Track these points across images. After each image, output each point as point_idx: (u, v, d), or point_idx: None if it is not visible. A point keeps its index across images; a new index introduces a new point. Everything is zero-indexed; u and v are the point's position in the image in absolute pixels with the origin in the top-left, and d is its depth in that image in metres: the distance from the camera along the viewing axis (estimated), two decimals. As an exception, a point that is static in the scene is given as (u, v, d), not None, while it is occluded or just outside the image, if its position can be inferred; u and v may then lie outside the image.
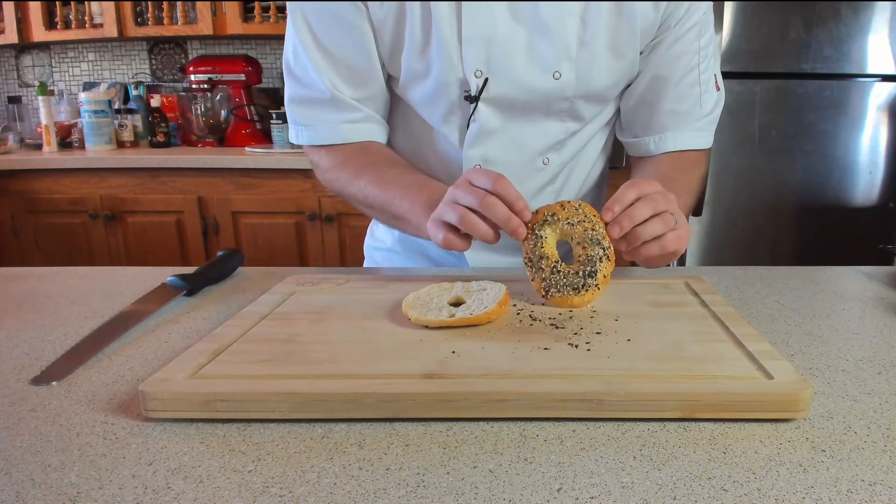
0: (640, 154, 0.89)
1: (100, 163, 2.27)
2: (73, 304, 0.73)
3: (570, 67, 0.77)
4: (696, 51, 0.82)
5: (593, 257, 0.63)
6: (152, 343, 0.61)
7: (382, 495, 0.37)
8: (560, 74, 0.77)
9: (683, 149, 0.86)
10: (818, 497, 0.37)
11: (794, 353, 0.58)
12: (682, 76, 0.82)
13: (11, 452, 0.42)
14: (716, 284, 0.78)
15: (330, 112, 0.83)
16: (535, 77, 0.78)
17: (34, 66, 2.89)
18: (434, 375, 0.48)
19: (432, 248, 0.96)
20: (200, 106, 2.54)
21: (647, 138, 0.87)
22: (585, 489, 0.38)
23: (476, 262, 0.92)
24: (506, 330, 0.57)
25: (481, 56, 0.76)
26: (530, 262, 0.66)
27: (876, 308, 0.70)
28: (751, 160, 1.99)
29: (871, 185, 2.03)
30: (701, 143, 0.87)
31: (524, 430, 0.44)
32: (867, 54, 1.93)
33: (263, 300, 0.66)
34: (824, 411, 0.47)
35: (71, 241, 2.32)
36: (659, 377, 0.48)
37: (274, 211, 2.23)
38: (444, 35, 0.75)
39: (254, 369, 0.50)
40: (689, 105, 0.84)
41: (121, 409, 0.48)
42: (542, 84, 0.78)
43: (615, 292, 0.68)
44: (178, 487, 0.38)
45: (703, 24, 0.81)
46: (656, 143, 0.86)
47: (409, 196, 0.76)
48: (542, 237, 0.65)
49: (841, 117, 1.97)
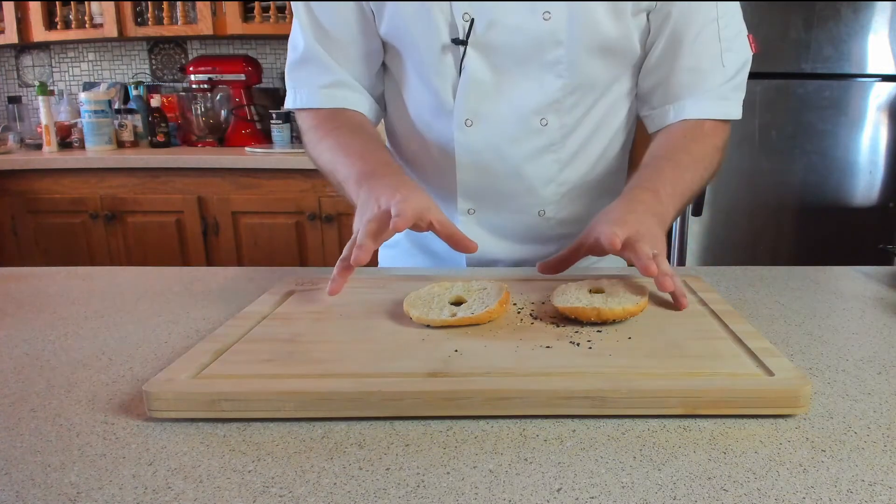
0: (660, 126, 0.84)
1: (100, 163, 2.27)
2: (73, 304, 0.73)
3: (560, 8, 0.75)
4: (714, 2, 0.78)
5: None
6: (152, 343, 0.61)
7: (382, 495, 0.37)
8: (550, 14, 0.75)
9: (704, 117, 0.81)
10: (818, 497, 0.37)
11: (794, 352, 0.58)
12: (700, 29, 0.78)
13: (11, 452, 0.42)
14: (716, 284, 0.78)
15: (309, 72, 0.85)
16: (523, 17, 0.75)
17: (34, 66, 2.89)
18: (438, 374, 0.48)
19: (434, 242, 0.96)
20: (200, 106, 2.54)
21: (666, 107, 0.82)
22: (585, 489, 0.38)
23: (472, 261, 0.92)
24: (507, 329, 0.57)
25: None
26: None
27: (876, 308, 0.70)
28: (751, 160, 1.99)
29: (871, 185, 2.03)
30: (723, 111, 0.82)
31: (524, 430, 0.44)
32: (867, 54, 1.93)
33: (263, 300, 0.66)
34: (824, 411, 0.47)
35: (71, 241, 2.32)
36: (661, 374, 0.48)
37: (274, 211, 2.23)
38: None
39: (257, 369, 0.50)
40: (710, 63, 0.79)
41: (121, 409, 0.48)
42: (532, 25, 0.76)
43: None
44: (178, 487, 0.38)
45: None
46: (676, 111, 0.82)
47: (351, 163, 0.77)
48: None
49: (841, 117, 1.97)
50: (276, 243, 2.27)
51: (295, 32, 0.86)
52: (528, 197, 0.87)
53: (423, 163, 0.90)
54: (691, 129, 0.81)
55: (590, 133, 0.85)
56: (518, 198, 0.87)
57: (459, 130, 0.82)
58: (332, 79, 0.85)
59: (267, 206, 2.23)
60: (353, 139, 0.82)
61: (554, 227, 0.90)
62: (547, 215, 0.89)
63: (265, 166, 2.19)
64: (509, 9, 0.75)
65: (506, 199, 0.87)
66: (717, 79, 0.80)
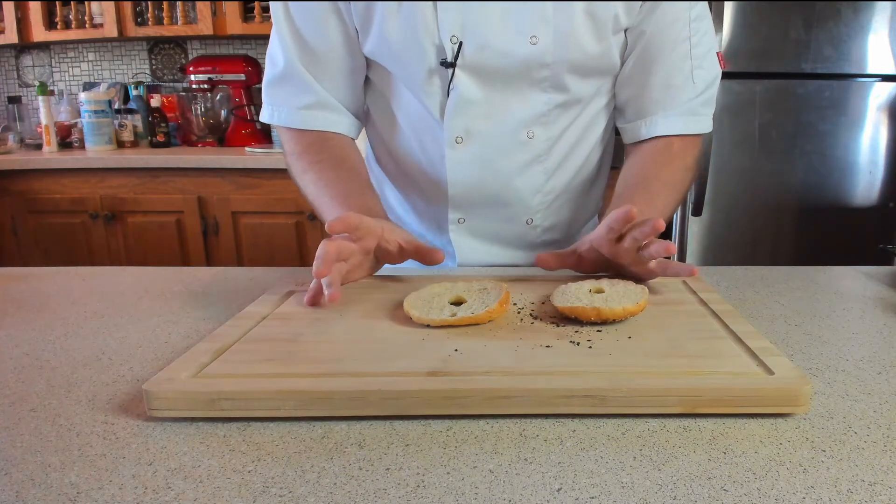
0: (633, 140, 0.87)
1: (100, 163, 2.28)
2: (73, 304, 0.73)
3: (546, 32, 0.76)
4: (686, 21, 0.81)
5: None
6: (152, 343, 0.61)
7: (382, 495, 0.37)
8: (537, 39, 0.76)
9: (674, 133, 0.84)
10: (818, 497, 0.37)
11: (794, 352, 0.58)
12: (673, 48, 0.81)
13: (11, 452, 0.42)
14: (716, 284, 0.78)
15: (288, 92, 0.85)
16: (511, 41, 0.77)
17: (34, 66, 2.89)
18: (438, 373, 0.48)
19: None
20: (200, 106, 2.54)
21: (638, 122, 0.85)
22: (585, 489, 0.38)
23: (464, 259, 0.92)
24: (507, 328, 0.57)
25: (456, 21, 0.76)
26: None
27: (876, 308, 0.70)
28: (751, 160, 1.99)
29: (871, 185, 2.03)
30: (694, 127, 0.85)
31: (524, 430, 0.44)
32: (867, 54, 1.93)
33: (263, 300, 0.66)
34: (824, 411, 0.47)
35: (71, 241, 2.32)
36: (661, 373, 0.48)
37: (274, 211, 2.23)
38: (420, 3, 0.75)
39: (257, 368, 0.50)
40: (681, 80, 0.82)
41: (121, 409, 0.48)
42: (519, 49, 0.77)
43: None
44: (178, 487, 0.38)
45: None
46: (648, 127, 0.85)
47: (335, 205, 0.78)
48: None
49: (841, 117, 1.97)
50: (276, 243, 2.27)
51: (274, 45, 0.85)
52: (517, 207, 0.89)
53: (414, 174, 0.91)
54: (661, 153, 0.84)
55: (573, 142, 0.88)
56: (507, 208, 0.89)
57: (450, 148, 0.83)
58: (311, 99, 0.84)
59: (267, 206, 2.23)
60: (337, 176, 0.82)
61: (540, 234, 0.93)
62: (534, 223, 0.91)
63: (265, 166, 2.19)
64: (497, 33, 0.76)
65: (496, 209, 0.89)
66: (688, 95, 0.83)
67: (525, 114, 0.82)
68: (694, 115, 0.84)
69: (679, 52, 0.81)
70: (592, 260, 0.71)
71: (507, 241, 0.92)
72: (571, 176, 0.90)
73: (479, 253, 0.92)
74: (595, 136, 0.90)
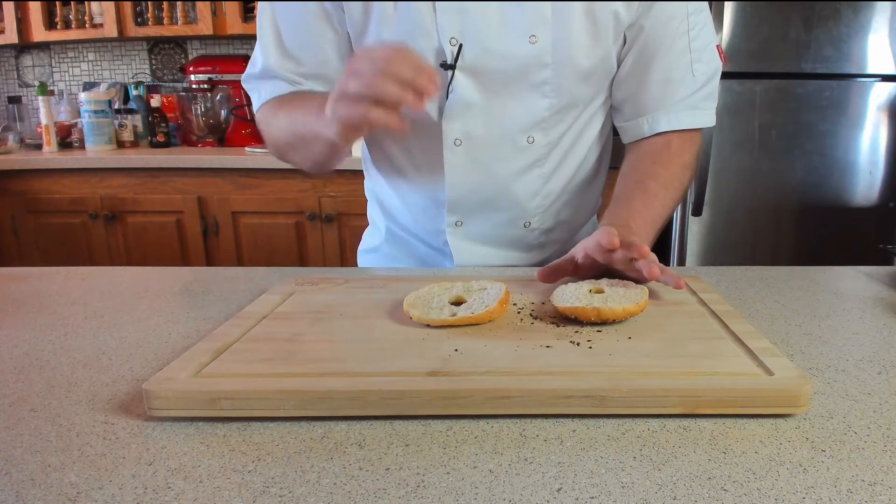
0: (634, 138, 0.87)
1: (100, 163, 2.27)
2: (73, 304, 0.73)
3: (545, 32, 0.76)
4: (684, 16, 0.81)
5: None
6: (152, 343, 0.61)
7: (382, 495, 0.37)
8: (536, 38, 0.76)
9: (678, 128, 0.83)
10: (818, 497, 0.37)
11: (794, 352, 0.58)
12: (671, 43, 0.81)
13: (11, 452, 0.42)
14: (716, 284, 0.78)
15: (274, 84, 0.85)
16: (510, 42, 0.77)
17: (34, 66, 2.89)
18: (438, 373, 0.48)
19: (419, 247, 0.96)
20: (200, 106, 2.54)
21: (639, 119, 0.85)
22: (585, 489, 0.38)
23: (461, 260, 0.92)
24: (507, 328, 0.57)
25: (456, 23, 0.76)
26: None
27: (876, 308, 0.70)
28: (751, 160, 1.99)
29: (871, 185, 2.03)
30: (696, 121, 0.84)
31: (524, 430, 0.44)
32: (867, 54, 1.93)
33: (263, 300, 0.66)
34: (824, 411, 0.47)
35: (71, 241, 2.32)
36: (661, 374, 0.48)
37: (274, 211, 2.23)
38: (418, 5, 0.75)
39: (257, 368, 0.50)
40: (680, 74, 0.82)
41: (121, 409, 0.48)
42: (518, 49, 0.77)
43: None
44: (178, 487, 0.38)
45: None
46: (650, 124, 0.84)
47: (307, 108, 0.76)
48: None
49: (841, 117, 1.97)
50: (276, 243, 2.27)
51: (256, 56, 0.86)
52: (514, 210, 0.89)
53: (412, 177, 0.91)
54: (659, 152, 0.84)
55: (570, 145, 0.88)
56: (505, 211, 0.89)
57: (448, 150, 0.83)
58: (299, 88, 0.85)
59: (267, 206, 2.23)
60: (305, 98, 0.81)
61: (538, 236, 0.93)
62: (532, 226, 0.91)
63: (265, 166, 2.19)
64: (496, 33, 0.76)
65: (493, 212, 0.89)
66: (688, 89, 0.83)
67: (525, 118, 0.82)
68: (696, 109, 0.84)
69: (678, 46, 0.81)
70: (589, 266, 0.71)
71: (504, 243, 0.92)
72: (569, 178, 0.90)
73: (476, 255, 0.92)
74: (592, 136, 0.89)
